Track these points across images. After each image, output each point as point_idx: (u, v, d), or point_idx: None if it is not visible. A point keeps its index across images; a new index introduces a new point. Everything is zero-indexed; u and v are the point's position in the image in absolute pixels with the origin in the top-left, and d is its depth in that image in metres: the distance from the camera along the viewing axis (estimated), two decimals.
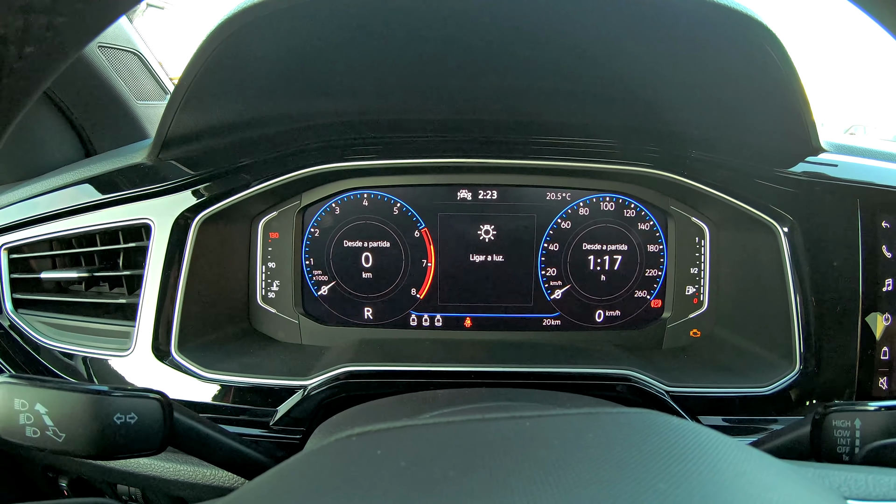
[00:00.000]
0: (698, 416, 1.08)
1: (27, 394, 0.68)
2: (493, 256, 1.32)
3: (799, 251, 1.10)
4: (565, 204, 1.31)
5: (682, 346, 1.32)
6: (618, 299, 1.34)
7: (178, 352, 1.11)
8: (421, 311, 1.34)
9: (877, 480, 0.54)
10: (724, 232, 1.29)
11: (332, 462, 0.47)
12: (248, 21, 0.89)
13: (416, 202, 1.31)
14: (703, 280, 1.32)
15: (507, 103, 1.23)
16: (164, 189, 1.16)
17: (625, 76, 1.10)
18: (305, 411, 1.05)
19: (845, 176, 1.12)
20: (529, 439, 0.47)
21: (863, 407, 0.72)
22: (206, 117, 1.15)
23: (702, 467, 0.43)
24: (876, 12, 0.47)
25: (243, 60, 1.01)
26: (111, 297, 1.21)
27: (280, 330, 1.33)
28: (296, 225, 1.31)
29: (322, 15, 0.92)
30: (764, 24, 0.89)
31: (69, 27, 0.39)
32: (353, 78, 1.13)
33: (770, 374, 1.10)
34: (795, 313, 1.10)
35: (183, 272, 1.13)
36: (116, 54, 1.68)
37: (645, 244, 1.32)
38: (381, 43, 1.02)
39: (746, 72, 1.02)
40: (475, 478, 0.41)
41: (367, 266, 1.33)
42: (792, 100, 1.03)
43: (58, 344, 1.18)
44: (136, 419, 0.70)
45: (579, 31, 0.98)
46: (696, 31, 0.94)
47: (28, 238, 1.21)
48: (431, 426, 0.51)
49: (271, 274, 1.32)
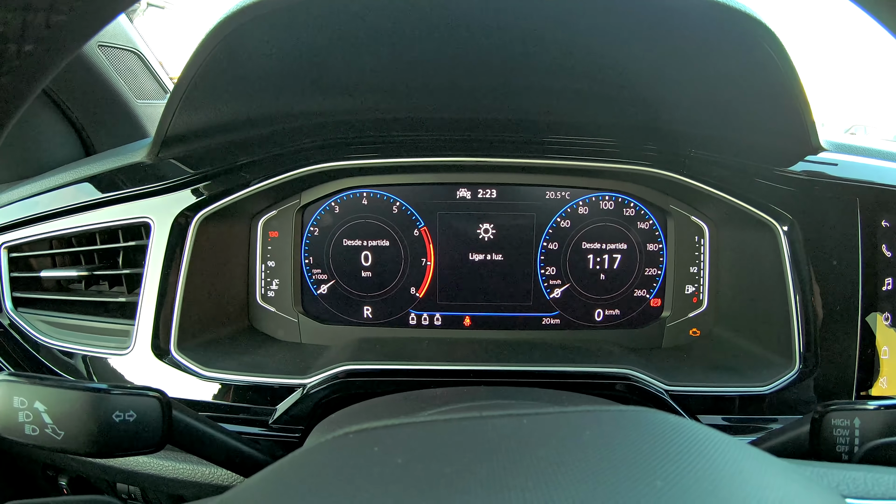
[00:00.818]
0: (698, 415, 1.08)
1: (26, 392, 0.68)
2: (492, 255, 1.32)
3: (798, 250, 1.10)
4: (565, 203, 1.31)
5: (681, 345, 1.32)
6: (617, 298, 1.34)
7: (177, 350, 1.12)
8: (420, 309, 1.34)
9: (875, 479, 0.54)
10: (724, 231, 1.29)
11: (329, 459, 0.47)
12: (246, 20, 0.89)
13: (415, 201, 1.31)
14: (703, 279, 1.32)
15: (506, 102, 1.23)
16: (163, 188, 1.16)
17: (624, 75, 1.10)
18: (305, 410, 1.05)
19: (845, 175, 1.12)
20: (527, 437, 0.47)
21: (862, 406, 0.72)
22: (205, 116, 1.15)
23: (699, 465, 0.43)
24: (876, 11, 0.47)
25: (242, 59, 1.01)
26: (111, 295, 1.21)
27: (279, 329, 1.33)
28: (295, 224, 1.31)
29: (320, 13, 0.92)
30: (764, 23, 0.89)
31: (68, 25, 0.39)
32: (351, 76, 1.13)
33: (770, 373, 1.10)
34: (795, 312, 1.10)
35: (182, 271, 1.13)
36: (116, 53, 1.68)
37: (644, 243, 1.32)
38: (380, 42, 1.02)
39: (746, 71, 1.02)
40: (472, 475, 0.41)
41: (366, 265, 1.33)
42: (791, 99, 1.03)
43: (57, 342, 1.18)
44: (135, 417, 0.70)
45: (580, 30, 0.98)
46: (696, 30, 0.94)
47: (28, 237, 1.21)
48: (428, 424, 0.51)
49: (271, 273, 1.32)
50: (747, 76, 1.03)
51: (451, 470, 0.42)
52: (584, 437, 0.47)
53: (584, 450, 0.45)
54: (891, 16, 0.46)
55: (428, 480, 0.41)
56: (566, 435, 0.48)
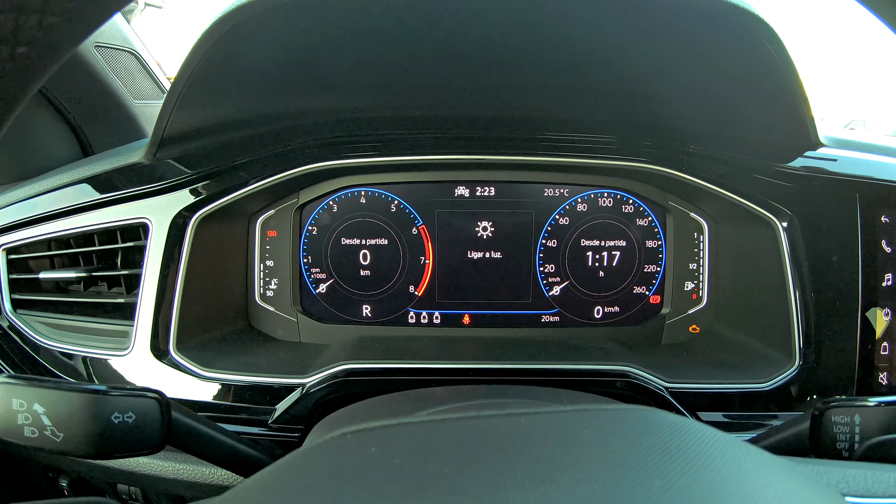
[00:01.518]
0: (698, 412, 1.08)
1: (25, 394, 0.68)
2: (491, 253, 1.32)
3: (798, 246, 1.10)
4: (563, 200, 1.31)
5: (681, 341, 1.32)
6: (616, 295, 1.34)
7: (176, 351, 1.11)
8: (419, 308, 1.34)
9: (876, 477, 0.54)
10: (723, 227, 1.28)
11: (326, 460, 0.47)
12: (242, 19, 0.89)
13: (413, 199, 1.31)
14: (702, 276, 1.32)
15: (504, 99, 1.22)
16: (161, 188, 1.15)
17: (623, 71, 1.10)
18: (304, 409, 1.05)
19: (844, 171, 1.12)
20: (525, 436, 0.47)
21: (862, 402, 0.72)
22: (202, 116, 1.14)
23: (698, 464, 0.42)
24: (876, 7, 0.47)
25: (239, 58, 1.01)
26: (109, 296, 1.21)
27: (278, 328, 1.33)
28: (293, 223, 1.31)
29: (317, 11, 0.92)
30: (762, 19, 0.89)
31: (61, 27, 0.39)
32: (348, 75, 1.12)
33: (769, 369, 1.10)
34: (795, 309, 1.10)
35: (181, 271, 1.13)
36: (113, 54, 1.67)
37: (643, 240, 1.32)
38: (377, 40, 1.01)
39: (745, 67, 1.02)
40: (469, 475, 0.41)
41: (364, 264, 1.33)
42: (790, 94, 1.03)
43: (56, 344, 1.18)
44: (134, 418, 0.70)
45: (578, 26, 0.98)
46: (694, 26, 0.94)
47: (26, 238, 1.21)
48: (426, 423, 0.51)
49: (269, 272, 1.32)
50: (746, 72, 1.03)
51: (448, 470, 0.42)
52: (582, 436, 0.47)
53: (582, 449, 0.45)
54: (891, 11, 0.46)
55: (425, 480, 0.41)
56: (564, 434, 0.48)
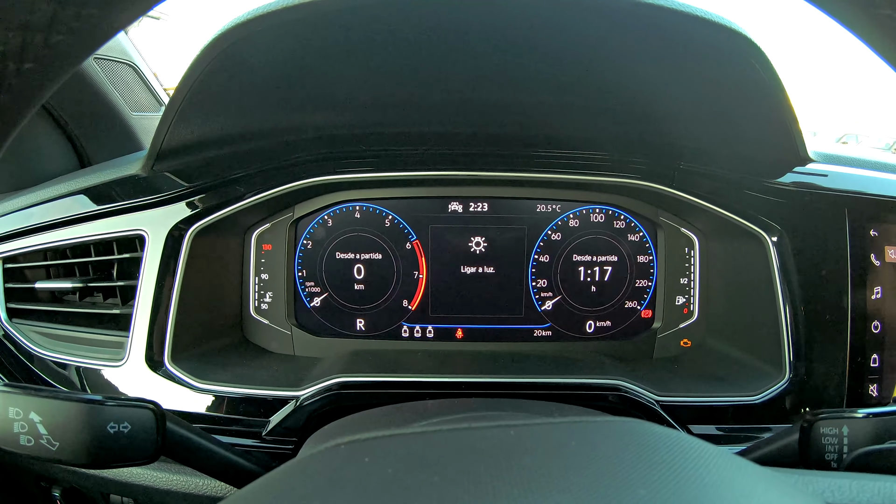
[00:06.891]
0: (689, 425, 1.08)
1: (22, 402, 0.68)
2: (484, 268, 1.33)
3: (788, 261, 1.11)
4: (556, 216, 1.32)
5: (672, 355, 1.33)
6: (608, 310, 1.34)
7: (171, 362, 1.12)
8: (412, 322, 1.34)
9: (860, 486, 0.54)
10: (714, 242, 1.30)
11: (320, 470, 0.48)
12: (242, 35, 0.90)
13: (407, 214, 1.32)
14: (693, 290, 1.33)
15: (497, 116, 1.24)
16: (158, 200, 1.16)
17: (614, 89, 1.12)
18: (298, 422, 1.06)
19: (833, 185, 1.13)
20: (513, 447, 0.48)
21: (851, 414, 0.73)
22: (200, 130, 1.15)
23: (683, 475, 0.43)
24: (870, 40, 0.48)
25: (238, 74, 1.02)
26: (105, 307, 1.22)
27: (273, 341, 1.33)
28: (289, 237, 1.32)
29: (316, 30, 0.93)
30: (749, 39, 0.91)
31: (66, 44, 0.40)
32: (345, 91, 1.14)
33: (760, 382, 1.11)
34: (785, 322, 1.11)
35: (176, 283, 1.14)
36: (112, 66, 1.69)
37: (635, 255, 1.33)
38: (374, 57, 1.03)
39: (733, 84, 1.03)
40: (459, 484, 0.42)
41: (359, 278, 1.33)
42: (778, 111, 1.05)
43: (52, 354, 1.18)
44: (129, 428, 0.71)
45: (572, 46, 0.99)
46: (684, 45, 0.95)
47: (23, 248, 1.21)
48: (418, 434, 0.51)
49: (264, 285, 1.33)
50: (735, 90, 1.05)
51: (439, 479, 0.43)
52: (570, 447, 0.48)
53: (569, 459, 0.45)
54: (884, 45, 0.47)
55: (417, 490, 0.42)
56: (552, 445, 0.49)
